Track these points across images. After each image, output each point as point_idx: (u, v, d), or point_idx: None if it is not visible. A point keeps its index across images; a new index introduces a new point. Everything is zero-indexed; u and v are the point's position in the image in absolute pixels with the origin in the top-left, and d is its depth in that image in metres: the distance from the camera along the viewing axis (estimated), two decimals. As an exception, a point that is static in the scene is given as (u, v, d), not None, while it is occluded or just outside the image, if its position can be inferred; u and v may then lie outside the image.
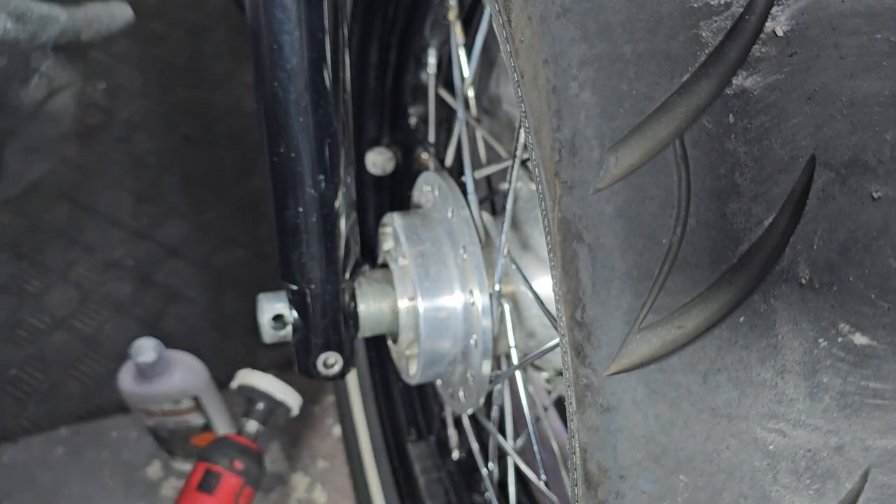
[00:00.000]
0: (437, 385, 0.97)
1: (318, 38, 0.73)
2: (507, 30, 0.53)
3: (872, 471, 0.46)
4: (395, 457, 1.23)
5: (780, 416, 0.46)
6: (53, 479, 1.51)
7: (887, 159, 0.47)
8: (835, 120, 0.47)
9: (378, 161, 1.13)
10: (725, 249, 0.46)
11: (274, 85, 0.74)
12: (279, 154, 0.77)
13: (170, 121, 1.98)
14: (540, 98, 0.50)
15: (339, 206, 0.80)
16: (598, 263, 0.47)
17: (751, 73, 0.47)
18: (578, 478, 0.50)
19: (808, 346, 0.46)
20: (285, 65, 0.73)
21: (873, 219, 0.47)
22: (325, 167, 0.78)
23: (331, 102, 0.76)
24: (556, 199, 0.49)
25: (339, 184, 0.79)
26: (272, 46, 0.72)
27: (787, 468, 0.46)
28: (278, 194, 0.79)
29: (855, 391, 0.46)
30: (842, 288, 0.46)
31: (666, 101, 0.47)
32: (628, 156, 0.47)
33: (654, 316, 0.46)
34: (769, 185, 0.47)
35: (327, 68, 0.74)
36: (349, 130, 0.80)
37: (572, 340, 0.49)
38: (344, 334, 0.87)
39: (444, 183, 0.89)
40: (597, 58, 0.48)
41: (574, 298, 0.49)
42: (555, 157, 0.49)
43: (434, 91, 1.07)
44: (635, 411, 0.47)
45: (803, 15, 0.48)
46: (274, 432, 1.55)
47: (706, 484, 0.47)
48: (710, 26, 0.48)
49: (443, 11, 1.02)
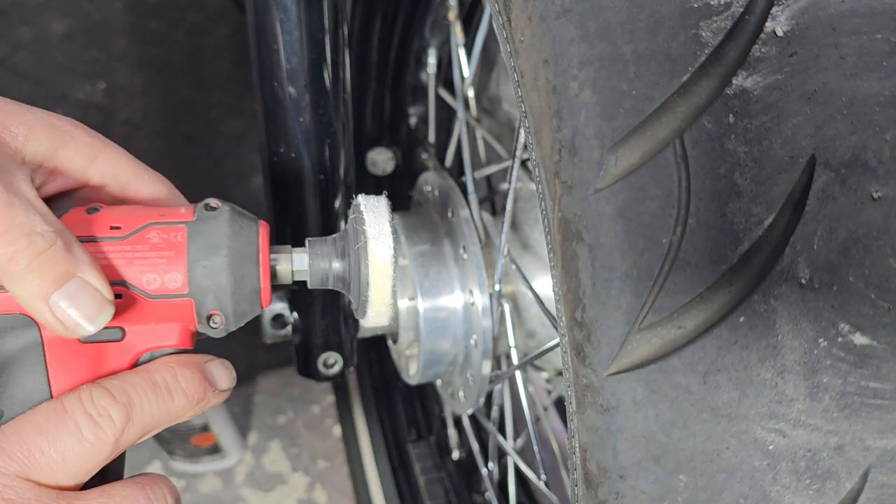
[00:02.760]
0: (437, 385, 0.97)
1: (318, 38, 0.73)
2: (507, 30, 0.53)
3: (872, 471, 0.46)
4: (395, 457, 1.23)
5: (780, 416, 0.46)
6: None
7: (887, 159, 0.47)
8: (835, 120, 0.47)
9: (378, 161, 1.13)
10: (725, 249, 0.46)
11: (274, 85, 0.74)
12: (279, 154, 0.77)
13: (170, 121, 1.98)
14: (540, 98, 0.50)
15: (339, 205, 0.80)
16: (598, 263, 0.47)
17: (751, 73, 0.47)
18: (578, 478, 0.50)
19: (808, 346, 0.46)
20: (285, 65, 0.73)
21: (873, 219, 0.47)
22: (325, 167, 0.78)
23: (331, 102, 0.76)
24: (556, 199, 0.49)
25: (339, 184, 0.79)
26: (272, 46, 0.72)
27: (787, 468, 0.46)
28: (278, 194, 0.79)
29: (855, 391, 0.46)
30: (842, 288, 0.46)
31: (666, 101, 0.47)
32: (628, 156, 0.47)
33: (654, 316, 0.46)
34: (769, 185, 0.47)
35: (327, 68, 0.74)
36: (349, 130, 0.80)
37: (572, 340, 0.49)
38: (344, 334, 0.87)
39: (444, 183, 0.89)
40: (597, 58, 0.48)
41: (574, 298, 0.49)
42: (555, 157, 0.49)
43: (434, 91, 1.08)
44: (635, 411, 0.47)
45: (803, 15, 0.48)
46: (274, 432, 1.55)
47: (706, 484, 0.47)
48: (710, 26, 0.48)
49: (443, 11, 1.02)
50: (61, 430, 0.48)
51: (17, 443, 0.48)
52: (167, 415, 0.52)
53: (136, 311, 0.53)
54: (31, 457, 0.48)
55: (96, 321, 0.50)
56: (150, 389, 0.52)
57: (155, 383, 0.52)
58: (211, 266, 0.53)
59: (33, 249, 0.48)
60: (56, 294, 0.48)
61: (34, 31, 2.10)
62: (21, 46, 2.07)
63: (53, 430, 0.48)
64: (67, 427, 0.48)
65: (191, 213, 0.54)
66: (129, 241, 0.52)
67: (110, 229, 0.53)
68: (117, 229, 0.53)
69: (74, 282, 0.49)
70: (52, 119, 0.54)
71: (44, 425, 0.48)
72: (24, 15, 2.12)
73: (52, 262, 0.48)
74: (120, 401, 0.50)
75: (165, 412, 0.52)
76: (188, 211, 0.55)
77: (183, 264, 0.53)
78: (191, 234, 0.53)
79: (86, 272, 0.49)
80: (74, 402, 0.49)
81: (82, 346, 0.53)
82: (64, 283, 0.48)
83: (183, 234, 0.53)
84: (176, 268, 0.53)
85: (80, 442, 0.49)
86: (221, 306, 0.54)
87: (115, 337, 0.54)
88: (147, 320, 0.54)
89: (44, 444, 0.48)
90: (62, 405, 0.49)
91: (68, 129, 0.54)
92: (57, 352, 0.52)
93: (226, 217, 0.54)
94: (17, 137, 0.52)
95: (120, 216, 0.53)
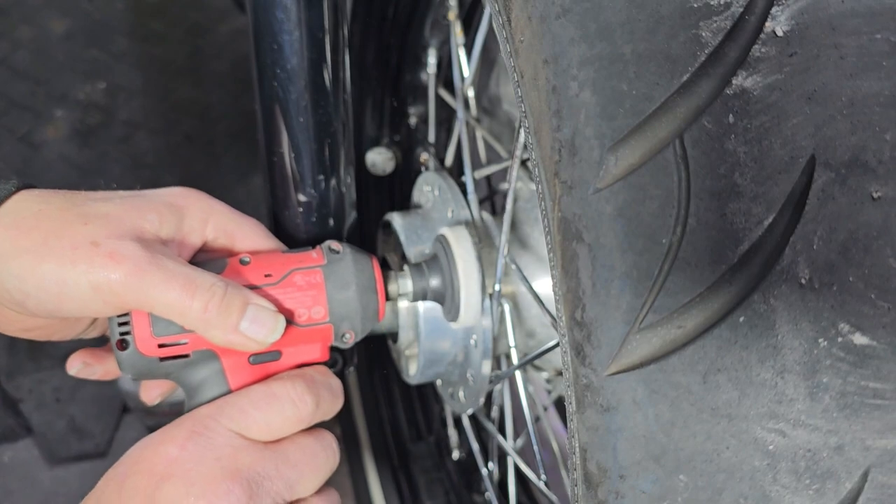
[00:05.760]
0: (437, 385, 0.97)
1: (318, 38, 0.73)
2: (507, 30, 0.53)
3: (872, 471, 0.46)
4: (395, 457, 1.23)
5: (780, 416, 0.46)
6: (53, 479, 1.51)
7: (887, 159, 0.47)
8: (835, 120, 0.47)
9: (378, 161, 1.13)
10: (725, 249, 0.46)
11: (274, 85, 0.74)
12: (279, 154, 0.77)
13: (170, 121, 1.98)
14: (540, 98, 0.50)
15: (339, 206, 0.80)
16: (597, 263, 0.47)
17: (751, 73, 0.47)
18: (578, 478, 0.50)
19: (808, 346, 0.46)
20: (285, 65, 0.73)
21: (873, 219, 0.47)
22: (325, 167, 0.78)
23: (331, 102, 0.76)
24: (556, 199, 0.49)
25: (339, 184, 0.79)
26: (272, 46, 0.72)
27: (787, 468, 0.46)
28: (278, 194, 0.79)
29: (855, 391, 0.46)
30: (842, 288, 0.46)
31: (666, 101, 0.47)
32: (628, 156, 0.47)
33: (654, 316, 0.46)
34: (769, 186, 0.47)
35: (327, 68, 0.74)
36: (349, 130, 0.80)
37: (572, 340, 0.49)
38: (344, 334, 0.87)
39: (444, 183, 0.89)
40: (597, 58, 0.48)
41: (574, 298, 0.49)
42: (555, 157, 0.49)
43: (434, 91, 1.07)
44: (635, 411, 0.47)
45: (803, 15, 0.48)
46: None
47: (706, 484, 0.47)
48: (710, 26, 0.48)
49: (443, 11, 1.02)
50: (272, 408, 0.64)
51: (239, 411, 0.64)
52: (334, 408, 0.68)
53: (290, 337, 0.67)
54: (246, 421, 0.63)
55: (275, 332, 0.65)
56: (327, 387, 0.68)
57: (329, 383, 0.69)
58: (344, 299, 0.70)
59: (217, 297, 0.63)
60: (243, 322, 0.64)
61: (34, 31, 2.10)
62: (21, 46, 2.07)
63: (265, 406, 0.64)
64: (275, 406, 0.64)
65: (321, 256, 0.70)
66: (281, 286, 0.68)
67: (265, 277, 0.68)
68: (269, 276, 0.68)
69: (251, 309, 0.64)
70: (170, 198, 0.67)
71: (258, 402, 0.64)
72: (24, 14, 2.12)
73: (231, 301, 0.63)
74: (312, 391, 0.66)
75: (334, 405, 0.68)
76: (318, 255, 0.70)
77: (324, 299, 0.69)
78: (326, 274, 0.69)
79: (255, 300, 0.65)
80: (281, 387, 0.65)
81: (251, 366, 0.68)
82: (245, 313, 0.64)
83: (320, 276, 0.69)
84: (319, 302, 0.69)
85: (282, 415, 0.64)
86: (353, 327, 0.71)
87: (275, 357, 0.68)
88: (297, 343, 0.69)
89: (257, 414, 0.64)
90: (272, 389, 0.65)
91: (183, 202, 0.67)
92: (234, 373, 0.67)
93: (350, 258, 0.71)
94: (153, 224, 0.65)
95: (268, 265, 0.68)
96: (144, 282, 0.61)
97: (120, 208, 0.64)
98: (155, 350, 0.65)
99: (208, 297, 0.62)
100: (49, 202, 0.63)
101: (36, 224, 0.62)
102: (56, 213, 0.63)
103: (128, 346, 0.65)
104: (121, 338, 0.65)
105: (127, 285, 0.61)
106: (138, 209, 0.64)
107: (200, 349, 0.66)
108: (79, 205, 0.64)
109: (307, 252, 0.71)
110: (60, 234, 0.62)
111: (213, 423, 0.63)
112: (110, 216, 0.63)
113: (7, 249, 0.61)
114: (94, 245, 0.61)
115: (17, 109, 1.95)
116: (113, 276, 0.61)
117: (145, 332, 0.65)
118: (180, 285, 0.62)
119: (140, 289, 0.61)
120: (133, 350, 0.65)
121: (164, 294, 0.61)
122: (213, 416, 0.64)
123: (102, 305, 0.62)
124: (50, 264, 0.61)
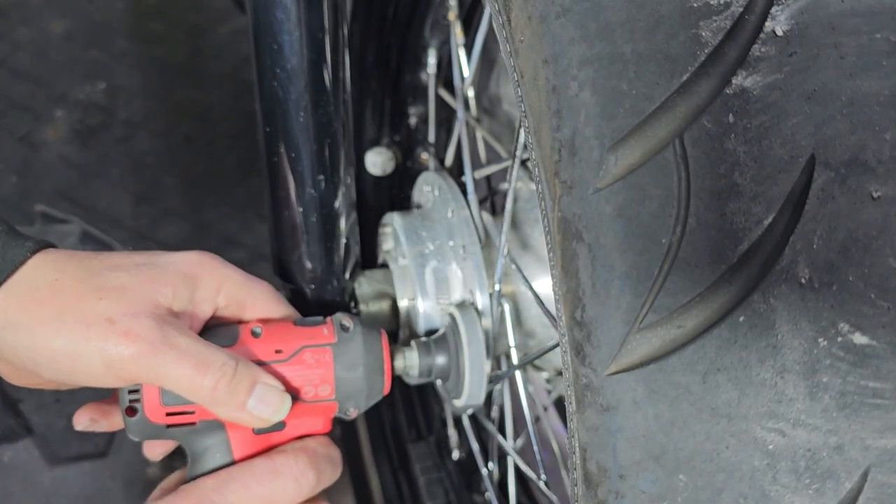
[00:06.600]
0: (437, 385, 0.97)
1: (318, 38, 0.73)
2: (507, 30, 0.53)
3: (872, 470, 0.46)
4: (395, 457, 1.23)
5: (780, 415, 0.46)
6: (53, 479, 1.51)
7: (887, 159, 0.47)
8: (834, 119, 0.47)
9: (378, 161, 1.13)
10: (725, 249, 0.46)
11: (274, 85, 0.74)
12: (279, 154, 0.77)
13: (170, 121, 1.98)
14: (540, 98, 0.50)
15: (339, 206, 0.80)
16: (597, 263, 0.47)
17: (750, 72, 0.47)
18: (578, 478, 0.50)
19: (808, 345, 0.46)
20: (285, 65, 0.73)
21: (873, 218, 0.47)
22: (325, 167, 0.78)
23: (331, 102, 0.76)
24: (556, 199, 0.49)
25: (339, 184, 0.79)
26: (272, 46, 0.72)
27: (787, 468, 0.46)
28: (278, 194, 0.79)
29: (854, 391, 0.46)
30: (841, 288, 0.46)
31: (666, 101, 0.47)
32: (628, 155, 0.47)
33: (653, 316, 0.46)
34: (769, 185, 0.47)
35: (327, 68, 0.74)
36: (349, 130, 0.80)
37: (572, 340, 0.49)
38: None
39: (444, 183, 0.89)
40: (597, 58, 0.48)
41: (574, 298, 0.49)
42: (555, 157, 0.49)
43: (434, 91, 1.07)
44: (635, 411, 0.47)
45: (803, 14, 0.48)
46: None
47: (706, 483, 0.47)
48: (709, 26, 0.48)
49: (443, 11, 1.02)
50: (275, 484, 0.67)
51: (242, 486, 0.66)
52: (334, 479, 0.71)
53: (295, 411, 0.68)
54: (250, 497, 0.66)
55: (281, 411, 0.66)
56: (328, 460, 0.70)
57: (330, 456, 0.71)
58: (352, 378, 0.71)
59: (227, 377, 0.63)
60: (250, 401, 0.64)
61: (34, 31, 2.10)
62: (21, 46, 2.07)
63: (268, 483, 0.67)
64: (278, 482, 0.67)
65: (331, 334, 0.71)
66: (290, 363, 0.69)
67: (275, 353, 0.68)
68: (279, 352, 0.69)
69: (259, 388, 0.65)
70: (185, 267, 0.67)
71: (261, 478, 0.67)
72: (24, 15, 2.12)
73: (240, 380, 0.64)
74: (314, 466, 0.68)
75: (334, 476, 0.71)
76: (329, 332, 0.71)
77: (331, 378, 0.70)
78: (335, 354, 0.70)
79: (263, 378, 0.66)
80: (284, 463, 0.68)
81: (255, 437, 0.69)
82: (252, 392, 0.64)
83: (329, 355, 0.70)
84: (326, 381, 0.70)
85: (284, 491, 0.67)
86: (357, 405, 0.72)
87: (279, 428, 0.70)
88: (302, 416, 0.70)
89: (260, 490, 0.66)
90: (275, 465, 0.67)
91: (197, 271, 0.68)
92: (238, 443, 0.69)
93: (360, 338, 0.71)
94: (167, 297, 0.65)
95: (279, 340, 0.69)
96: (157, 360, 0.62)
97: (135, 280, 0.64)
98: (163, 418, 0.67)
99: (219, 376, 0.63)
100: (64, 271, 0.63)
101: (51, 296, 0.62)
102: (71, 283, 0.63)
103: (136, 413, 0.67)
104: (130, 405, 0.67)
105: (139, 363, 0.62)
106: (153, 282, 0.64)
107: (207, 419, 0.67)
108: (94, 274, 0.64)
109: (318, 327, 0.71)
110: (75, 308, 0.62)
111: (218, 497, 0.66)
112: (125, 290, 0.63)
113: (21, 320, 0.62)
114: (110, 322, 0.61)
115: (16, 110, 1.95)
116: (126, 353, 0.61)
117: (154, 401, 0.66)
118: (192, 365, 0.62)
119: (152, 367, 0.62)
120: (141, 417, 0.67)
121: (176, 371, 0.62)
122: (218, 489, 0.66)
123: (114, 379, 0.64)
124: (64, 339, 0.61)
